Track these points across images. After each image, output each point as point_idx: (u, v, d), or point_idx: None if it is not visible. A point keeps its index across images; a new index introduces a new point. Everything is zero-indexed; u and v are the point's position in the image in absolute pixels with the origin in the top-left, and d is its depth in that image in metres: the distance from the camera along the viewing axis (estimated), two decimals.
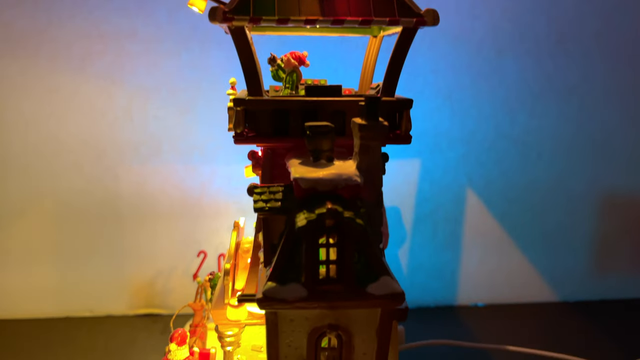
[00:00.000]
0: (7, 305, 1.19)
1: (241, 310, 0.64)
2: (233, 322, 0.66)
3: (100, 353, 1.04)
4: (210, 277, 0.82)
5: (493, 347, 0.95)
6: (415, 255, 1.23)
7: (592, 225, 1.25)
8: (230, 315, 0.64)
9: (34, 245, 1.17)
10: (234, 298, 0.64)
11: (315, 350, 0.55)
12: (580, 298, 1.28)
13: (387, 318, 0.55)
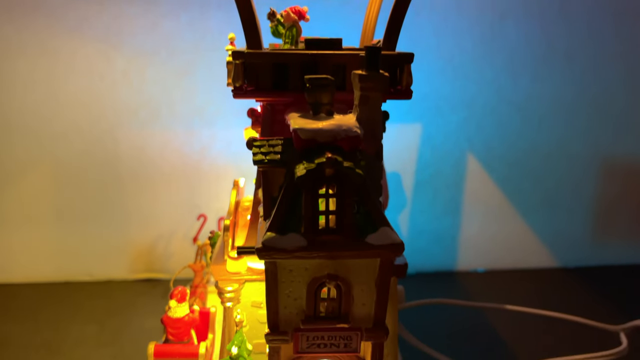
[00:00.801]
0: (6, 269, 1.19)
1: (240, 263, 0.64)
2: (233, 276, 0.66)
3: (101, 316, 1.05)
4: (210, 236, 0.82)
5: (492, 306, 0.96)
6: (415, 220, 1.23)
7: (593, 190, 1.25)
8: (230, 268, 0.64)
9: (33, 208, 1.17)
10: (234, 251, 0.64)
11: (315, 301, 0.55)
12: (580, 264, 1.28)
13: (386, 269, 0.54)
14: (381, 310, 0.56)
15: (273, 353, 0.57)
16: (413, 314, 1.02)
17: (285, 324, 0.56)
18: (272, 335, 0.56)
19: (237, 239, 0.71)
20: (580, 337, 0.88)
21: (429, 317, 1.05)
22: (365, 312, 0.56)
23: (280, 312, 0.56)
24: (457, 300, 0.97)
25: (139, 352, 0.91)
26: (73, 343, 0.96)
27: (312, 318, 0.56)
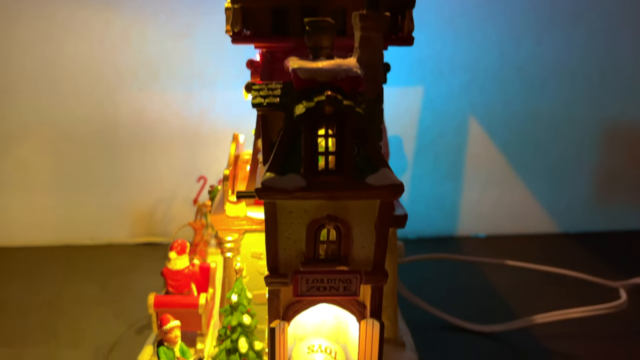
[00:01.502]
0: (7, 232, 1.19)
1: (240, 207, 0.64)
2: (232, 225, 0.66)
3: (101, 278, 1.05)
4: (210, 190, 0.82)
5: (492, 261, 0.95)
6: (416, 185, 1.23)
7: (596, 155, 1.24)
8: (230, 212, 0.64)
9: (33, 172, 1.17)
10: (233, 195, 0.64)
11: (314, 243, 0.55)
12: (582, 229, 1.28)
13: (386, 210, 0.54)
14: (380, 253, 0.56)
15: (272, 296, 0.57)
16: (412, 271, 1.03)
17: (284, 266, 0.56)
18: (271, 278, 0.56)
19: (237, 188, 0.70)
20: (579, 292, 0.88)
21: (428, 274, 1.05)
22: (364, 255, 0.56)
23: (280, 254, 0.56)
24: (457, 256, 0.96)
25: (140, 311, 0.92)
26: (74, 302, 0.96)
27: (311, 260, 0.56)
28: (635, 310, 0.86)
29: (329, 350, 0.63)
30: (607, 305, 0.78)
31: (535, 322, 0.83)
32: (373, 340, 0.58)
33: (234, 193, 0.65)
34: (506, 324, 0.86)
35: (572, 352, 0.82)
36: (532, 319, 0.84)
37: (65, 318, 0.91)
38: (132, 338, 0.85)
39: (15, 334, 0.86)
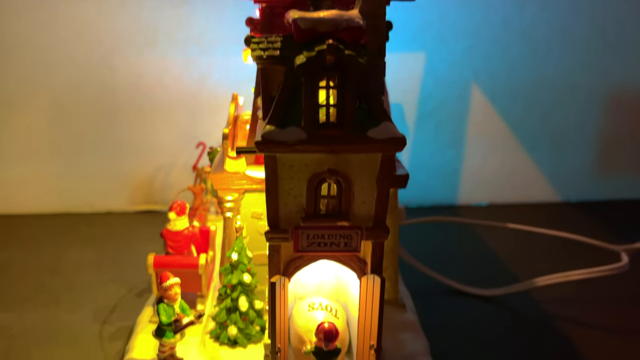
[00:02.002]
0: (7, 200, 1.19)
1: (240, 163, 0.63)
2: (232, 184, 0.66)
3: (101, 244, 1.05)
4: (209, 152, 0.81)
5: (493, 224, 0.95)
6: (417, 153, 1.22)
7: (599, 122, 1.23)
8: (229, 167, 0.63)
9: (31, 140, 1.16)
10: (233, 151, 0.63)
11: (315, 198, 0.54)
12: (584, 198, 1.27)
13: (388, 165, 0.53)
14: (382, 209, 0.55)
15: (273, 252, 0.57)
16: (413, 236, 1.02)
17: (285, 222, 0.55)
18: (272, 234, 0.55)
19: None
20: (581, 257, 0.88)
21: (429, 239, 1.05)
22: (365, 211, 0.55)
23: (281, 209, 0.55)
24: (457, 218, 0.96)
25: (139, 275, 0.92)
26: (73, 267, 0.96)
27: (312, 216, 0.55)
28: (636, 274, 0.86)
29: (329, 308, 0.63)
30: (609, 267, 0.78)
31: (536, 285, 0.83)
32: (374, 297, 0.57)
33: (233, 149, 0.64)
34: (506, 288, 0.86)
35: (571, 315, 0.82)
36: (532, 283, 0.84)
37: (64, 283, 0.91)
38: (132, 301, 0.85)
39: (15, 298, 0.86)
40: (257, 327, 0.67)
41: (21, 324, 0.79)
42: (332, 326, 0.54)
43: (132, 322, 0.77)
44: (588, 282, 0.84)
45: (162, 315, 0.60)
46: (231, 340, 0.66)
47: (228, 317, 0.66)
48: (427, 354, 0.67)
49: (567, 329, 0.78)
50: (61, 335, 0.76)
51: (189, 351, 0.66)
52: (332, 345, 0.54)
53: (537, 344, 0.75)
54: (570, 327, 0.79)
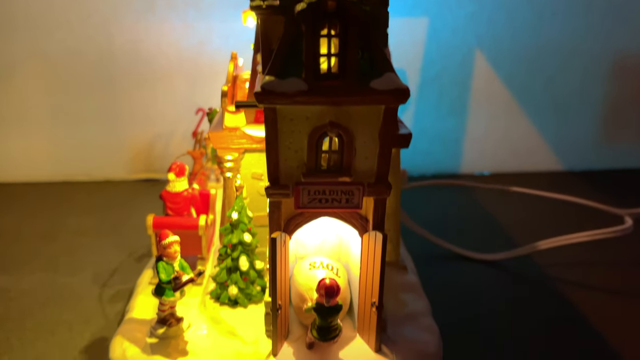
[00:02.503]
0: (5, 169, 1.18)
1: (239, 117, 0.62)
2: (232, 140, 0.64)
3: (100, 212, 1.05)
4: (209, 112, 0.80)
5: (496, 187, 0.93)
6: (419, 120, 1.20)
7: (604, 91, 1.21)
8: (228, 122, 0.62)
9: (29, 108, 1.14)
10: (232, 105, 0.61)
11: (316, 153, 0.53)
12: (587, 167, 1.26)
13: (390, 117, 0.52)
14: (384, 164, 0.54)
15: (273, 209, 0.56)
16: (415, 201, 1.01)
17: (285, 177, 0.54)
18: (272, 189, 0.54)
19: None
20: (584, 222, 0.87)
21: (430, 205, 1.04)
22: (367, 166, 0.54)
23: (281, 165, 0.54)
24: (460, 181, 0.95)
25: (139, 241, 0.91)
26: (72, 233, 0.96)
27: (313, 171, 0.54)
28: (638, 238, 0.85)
29: (330, 267, 0.62)
30: (612, 229, 0.77)
31: (538, 249, 0.83)
32: (375, 254, 0.57)
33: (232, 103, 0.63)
34: (508, 252, 0.85)
35: (574, 278, 0.82)
36: (534, 246, 0.83)
37: (63, 248, 0.90)
38: (132, 265, 0.84)
39: (13, 262, 0.86)
40: (258, 287, 0.67)
41: (19, 286, 0.79)
42: (333, 282, 0.54)
43: (131, 285, 0.76)
44: (591, 246, 0.84)
45: (161, 273, 0.59)
46: (232, 300, 0.65)
47: (228, 277, 0.65)
48: (429, 314, 0.67)
49: (569, 292, 0.78)
50: (60, 298, 0.76)
51: (189, 311, 0.65)
52: (333, 301, 0.54)
53: (538, 307, 0.75)
54: (573, 290, 0.78)
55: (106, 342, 0.64)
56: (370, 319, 0.59)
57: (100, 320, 0.71)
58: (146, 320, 0.64)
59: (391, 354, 0.59)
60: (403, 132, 0.67)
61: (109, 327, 0.69)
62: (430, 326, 0.65)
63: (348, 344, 0.60)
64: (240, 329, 0.62)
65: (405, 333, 0.62)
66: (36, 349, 0.65)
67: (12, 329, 0.69)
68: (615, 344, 0.67)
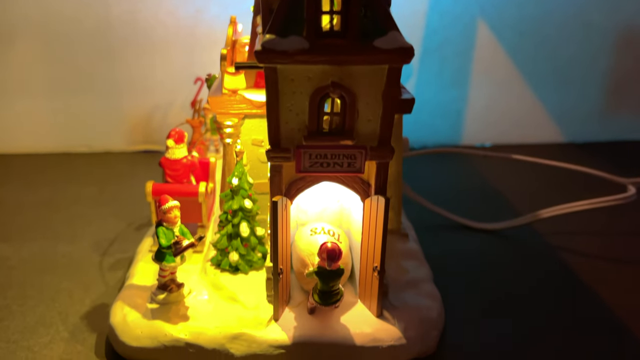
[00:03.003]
0: (5, 139, 1.17)
1: (238, 79, 0.61)
2: (231, 105, 0.63)
3: (99, 182, 1.04)
4: (207, 78, 0.78)
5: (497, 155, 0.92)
6: (420, 92, 1.19)
7: (608, 62, 1.20)
8: (228, 84, 0.60)
9: (25, 78, 1.13)
10: (231, 67, 0.60)
11: (318, 115, 0.52)
12: (590, 139, 1.25)
13: (394, 78, 0.51)
14: (387, 127, 0.53)
15: (274, 173, 0.55)
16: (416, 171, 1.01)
17: (287, 140, 0.53)
18: (273, 153, 0.54)
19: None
20: (587, 189, 0.86)
21: (432, 174, 1.03)
22: (370, 129, 0.53)
23: (282, 127, 0.53)
24: (461, 149, 0.94)
25: (139, 211, 0.91)
26: (72, 203, 0.95)
27: (314, 134, 0.53)
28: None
29: (332, 233, 0.62)
30: (615, 197, 0.77)
31: (540, 217, 0.82)
32: (377, 218, 0.56)
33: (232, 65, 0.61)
34: (509, 221, 0.85)
35: (576, 246, 0.81)
36: (536, 215, 0.83)
37: (63, 217, 0.90)
38: (131, 234, 0.84)
39: (14, 231, 0.85)
40: (259, 253, 0.66)
41: (19, 254, 0.78)
42: (335, 246, 0.53)
43: (131, 253, 0.76)
44: (593, 214, 0.83)
45: (161, 238, 0.58)
46: (232, 267, 0.65)
47: (229, 243, 0.65)
48: (430, 281, 0.67)
49: (570, 260, 0.78)
50: (60, 266, 0.75)
51: (189, 278, 0.65)
52: (335, 265, 0.53)
53: (539, 274, 0.75)
54: (574, 258, 0.78)
55: (107, 308, 0.64)
56: (372, 285, 0.59)
57: (100, 288, 0.71)
58: (147, 286, 0.64)
59: (393, 319, 0.59)
60: (406, 97, 0.66)
61: (109, 294, 0.69)
62: (432, 292, 0.64)
63: (349, 310, 0.60)
64: (241, 294, 0.62)
65: (407, 299, 0.62)
66: (37, 315, 0.65)
67: (13, 297, 0.69)
68: (616, 311, 0.67)
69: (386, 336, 0.57)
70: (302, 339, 0.56)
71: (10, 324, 0.63)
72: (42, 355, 0.58)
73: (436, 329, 0.60)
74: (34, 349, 0.59)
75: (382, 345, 0.56)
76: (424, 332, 0.59)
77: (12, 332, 0.62)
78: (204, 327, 0.57)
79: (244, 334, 0.56)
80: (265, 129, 0.55)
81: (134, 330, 0.57)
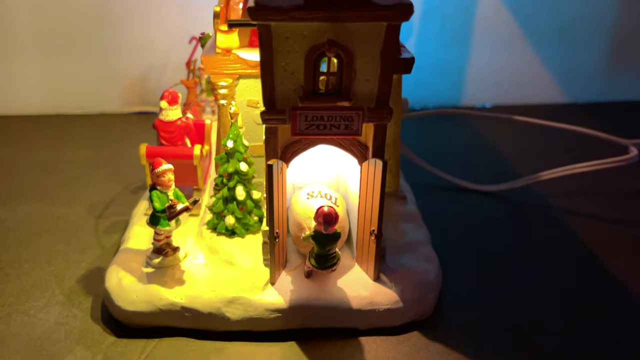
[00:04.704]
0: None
1: (232, 37, 0.59)
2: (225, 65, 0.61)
3: (94, 143, 1.02)
4: (201, 37, 0.76)
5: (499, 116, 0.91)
6: (420, 50, 1.16)
7: (612, 19, 1.16)
8: (221, 43, 0.58)
9: (19, 41, 1.10)
10: (224, 25, 0.58)
11: (314, 74, 0.51)
12: (592, 99, 1.23)
13: (393, 35, 0.49)
14: (385, 87, 0.52)
15: (270, 135, 0.54)
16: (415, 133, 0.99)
17: (282, 101, 0.52)
18: (268, 114, 0.52)
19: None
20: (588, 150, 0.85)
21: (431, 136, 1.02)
22: (368, 90, 0.52)
23: (277, 88, 0.51)
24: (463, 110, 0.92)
25: (135, 174, 0.90)
26: (67, 165, 0.94)
27: (310, 94, 0.51)
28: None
29: (329, 196, 0.61)
30: (617, 159, 0.75)
31: (540, 179, 0.81)
32: (375, 182, 0.55)
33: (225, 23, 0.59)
34: (508, 184, 0.84)
35: (575, 208, 0.81)
36: (536, 177, 0.82)
37: (59, 179, 0.89)
38: (127, 197, 0.83)
39: (9, 193, 0.84)
40: (255, 217, 0.65)
41: (14, 216, 0.78)
42: (331, 209, 0.52)
43: (127, 217, 0.75)
44: (595, 176, 0.82)
45: (155, 201, 0.57)
46: (229, 230, 0.64)
47: (225, 206, 0.64)
48: (429, 243, 0.66)
49: (571, 222, 0.77)
50: (56, 228, 0.75)
51: (185, 242, 0.64)
52: (331, 228, 0.53)
53: (539, 237, 0.74)
54: (575, 220, 0.78)
55: (102, 271, 0.64)
56: (369, 248, 0.59)
57: (96, 250, 0.70)
58: (142, 250, 0.63)
59: (390, 282, 0.58)
60: (406, 56, 0.64)
61: (105, 257, 0.69)
62: (429, 255, 0.64)
63: (346, 273, 0.60)
64: (237, 258, 0.61)
65: (404, 262, 0.62)
66: (32, 278, 0.65)
67: (8, 260, 0.68)
68: (618, 274, 0.67)
69: (383, 299, 0.57)
70: (299, 302, 0.56)
71: (5, 287, 0.63)
72: (38, 319, 0.58)
73: (433, 291, 0.60)
74: (30, 313, 0.59)
75: (379, 308, 0.56)
76: (421, 295, 0.59)
77: (8, 295, 0.62)
78: (200, 291, 0.57)
79: (240, 298, 0.56)
80: (260, 89, 0.53)
81: (130, 294, 0.56)
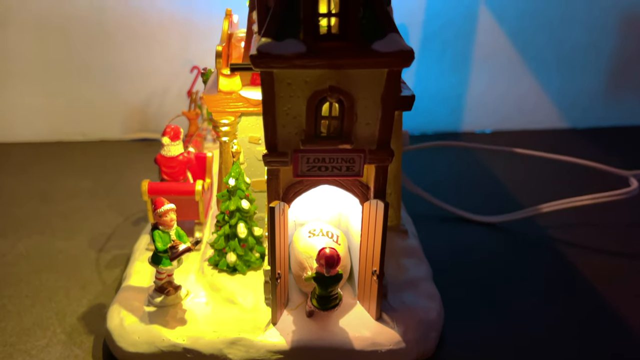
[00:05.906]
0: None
1: (234, 81, 0.59)
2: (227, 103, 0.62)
3: (95, 173, 1.03)
4: (203, 72, 0.77)
5: (498, 149, 0.91)
6: (420, 78, 1.17)
7: (611, 45, 1.17)
8: (223, 87, 0.59)
9: (20, 66, 1.10)
10: (226, 68, 0.59)
11: (315, 118, 0.51)
12: (592, 124, 1.24)
13: (394, 81, 0.49)
14: (386, 130, 0.52)
15: (272, 177, 0.54)
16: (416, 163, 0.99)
17: (284, 144, 0.52)
18: (270, 157, 0.52)
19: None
20: (588, 184, 0.86)
21: (432, 166, 1.02)
22: (369, 132, 0.52)
23: (279, 131, 0.52)
24: (462, 142, 0.92)
25: (136, 204, 0.90)
26: (68, 195, 0.94)
27: (312, 137, 0.52)
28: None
29: (330, 234, 0.61)
30: (617, 192, 0.76)
31: (541, 211, 0.81)
32: (377, 222, 0.55)
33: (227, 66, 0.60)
34: (510, 215, 0.84)
35: (575, 241, 0.81)
36: (536, 209, 0.82)
37: (59, 210, 0.89)
38: (128, 229, 0.83)
39: (9, 224, 0.84)
40: (257, 254, 0.65)
41: (15, 250, 0.78)
42: (333, 251, 0.52)
43: (129, 250, 0.76)
44: (595, 208, 0.82)
45: (157, 242, 0.57)
46: (230, 267, 0.64)
47: (227, 244, 0.64)
48: (430, 279, 0.66)
49: (571, 255, 0.77)
50: (57, 262, 0.75)
51: (187, 278, 0.64)
52: (333, 270, 0.53)
53: (540, 270, 0.74)
54: (575, 253, 0.77)
55: (104, 308, 0.64)
56: (371, 288, 0.59)
57: (97, 286, 0.70)
58: (144, 287, 0.63)
59: (392, 322, 0.58)
60: (406, 93, 0.64)
61: (107, 293, 0.68)
62: (431, 292, 0.64)
63: (348, 312, 0.60)
64: (239, 296, 0.61)
65: (406, 300, 0.62)
66: (33, 315, 0.65)
67: (9, 295, 0.68)
68: (617, 307, 0.67)
69: (385, 340, 0.56)
70: (301, 343, 0.56)
71: (7, 325, 0.63)
72: (40, 359, 0.58)
73: (435, 330, 0.60)
74: (32, 353, 0.59)
75: (381, 349, 0.56)
76: (423, 335, 0.58)
77: (10, 334, 0.62)
78: (201, 331, 0.57)
79: (242, 339, 0.56)
80: (262, 126, 0.54)
81: (131, 335, 0.56)
